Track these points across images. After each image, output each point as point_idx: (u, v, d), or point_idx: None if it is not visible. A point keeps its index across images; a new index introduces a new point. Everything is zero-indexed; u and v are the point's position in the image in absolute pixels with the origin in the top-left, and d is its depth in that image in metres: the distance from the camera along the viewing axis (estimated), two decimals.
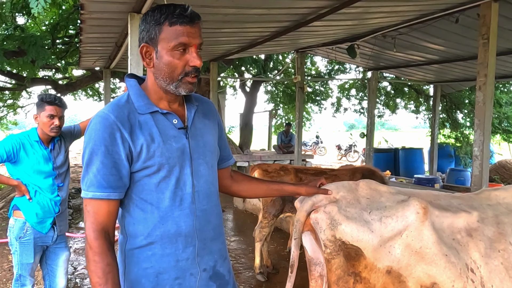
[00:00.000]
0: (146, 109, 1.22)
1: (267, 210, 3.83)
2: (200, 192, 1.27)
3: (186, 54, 1.18)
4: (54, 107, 2.54)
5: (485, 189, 1.70)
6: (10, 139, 2.54)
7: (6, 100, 11.63)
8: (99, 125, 1.16)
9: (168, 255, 1.22)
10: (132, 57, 3.53)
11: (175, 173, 1.21)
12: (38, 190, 2.59)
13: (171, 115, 1.25)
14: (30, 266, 2.62)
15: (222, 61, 8.64)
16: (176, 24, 1.16)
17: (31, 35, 6.53)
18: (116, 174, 1.16)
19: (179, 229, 1.22)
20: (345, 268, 1.53)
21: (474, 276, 1.44)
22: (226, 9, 4.19)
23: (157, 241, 1.21)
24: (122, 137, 1.16)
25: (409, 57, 7.35)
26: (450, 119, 10.97)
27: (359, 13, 4.75)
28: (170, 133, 1.22)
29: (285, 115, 15.70)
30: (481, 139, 4.12)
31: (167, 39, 1.17)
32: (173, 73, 1.19)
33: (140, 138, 1.17)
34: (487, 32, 4.02)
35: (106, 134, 1.14)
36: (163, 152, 1.19)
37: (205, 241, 1.28)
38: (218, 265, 1.33)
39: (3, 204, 6.43)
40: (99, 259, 1.13)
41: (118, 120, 1.16)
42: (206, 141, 1.32)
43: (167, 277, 1.22)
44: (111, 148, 1.15)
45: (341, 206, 1.55)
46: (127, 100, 1.23)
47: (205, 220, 1.28)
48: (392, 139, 16.24)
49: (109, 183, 1.15)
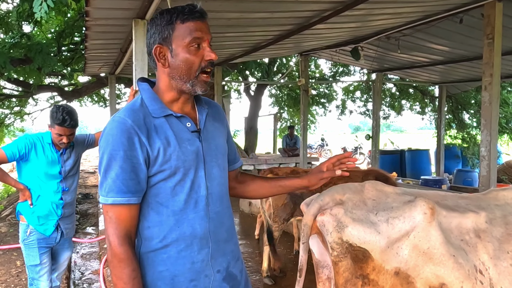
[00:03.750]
0: (160, 113, 1.22)
1: (278, 214, 3.81)
2: (213, 194, 1.28)
3: (201, 50, 1.21)
4: (63, 129, 2.59)
5: (493, 189, 1.68)
6: (24, 139, 2.63)
7: (13, 107, 11.72)
8: (116, 130, 1.16)
9: (184, 258, 1.23)
10: (137, 62, 3.55)
11: (190, 176, 1.22)
12: (40, 194, 2.65)
13: (184, 118, 1.26)
14: (37, 267, 2.65)
15: (226, 65, 8.67)
16: (189, 21, 1.19)
17: (37, 43, 6.59)
18: (135, 179, 1.16)
19: (194, 231, 1.23)
20: (353, 270, 1.52)
21: (483, 278, 1.42)
22: (229, 14, 4.21)
23: (173, 244, 1.22)
24: (140, 141, 1.16)
25: (414, 58, 7.32)
26: (456, 119, 10.90)
27: (362, 15, 4.75)
28: (185, 136, 1.23)
29: (290, 118, 15.68)
30: (488, 139, 4.09)
31: (181, 36, 1.19)
32: (191, 69, 1.21)
33: (157, 142, 1.18)
34: (492, 32, 4.00)
35: (124, 139, 1.14)
36: (179, 156, 1.20)
37: (218, 242, 1.29)
38: (231, 266, 1.34)
39: (11, 210, 6.48)
40: (124, 265, 1.13)
41: (135, 125, 1.16)
42: (217, 143, 1.34)
43: (182, 280, 1.23)
44: (129, 152, 1.15)
45: (348, 208, 1.55)
46: (141, 104, 1.24)
47: (218, 222, 1.30)
48: (398, 141, 16.17)
49: (129, 187, 1.15)
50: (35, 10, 2.72)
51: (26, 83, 9.44)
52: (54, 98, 12.52)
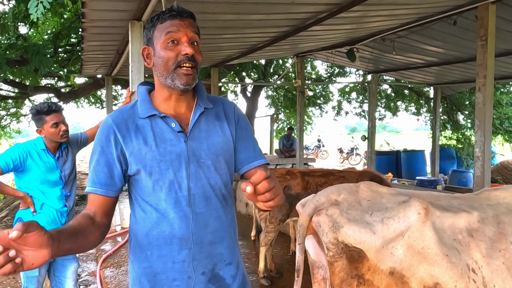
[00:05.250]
0: (145, 113, 1.28)
1: (274, 215, 3.81)
2: (197, 195, 1.27)
3: (179, 45, 1.24)
4: (54, 115, 2.53)
5: (485, 189, 1.70)
6: (17, 148, 2.52)
7: (9, 109, 11.68)
8: (100, 129, 1.28)
9: (164, 256, 1.26)
10: (133, 64, 3.56)
11: (168, 176, 1.24)
12: (45, 202, 2.54)
13: (169, 118, 1.27)
14: (36, 278, 2.55)
15: (223, 66, 8.69)
16: (166, 20, 1.25)
17: (33, 44, 6.57)
18: (107, 172, 1.25)
19: (173, 231, 1.25)
20: (348, 270, 1.54)
21: (475, 276, 1.45)
22: (225, 15, 4.23)
23: (154, 242, 1.27)
24: (116, 139, 1.25)
25: (409, 59, 7.37)
26: (451, 120, 10.97)
27: (357, 17, 4.78)
28: (167, 136, 1.26)
29: (287, 119, 15.72)
30: (482, 139, 4.13)
31: (159, 35, 1.25)
32: (167, 64, 1.24)
33: (133, 141, 1.25)
34: (485, 33, 4.05)
35: (103, 136, 1.26)
36: (154, 156, 1.24)
37: (201, 244, 1.27)
38: (217, 268, 1.31)
39: (7, 212, 6.45)
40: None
41: (114, 123, 1.26)
42: (212, 143, 1.30)
43: (164, 278, 1.26)
44: (106, 148, 1.25)
45: (343, 208, 1.56)
46: (132, 106, 1.32)
47: (202, 224, 1.28)
48: (393, 142, 16.23)
49: (99, 179, 1.24)
50: (31, 11, 2.70)
51: (22, 85, 9.40)
52: (50, 100, 12.48)
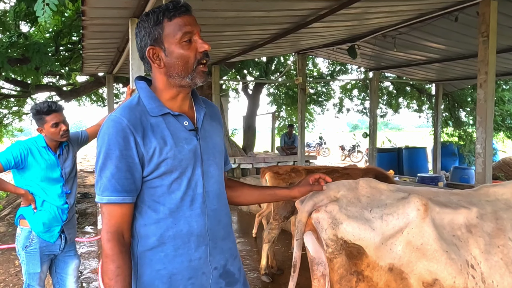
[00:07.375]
0: (158, 111, 1.23)
1: (278, 212, 3.81)
2: (210, 192, 1.29)
3: (193, 43, 1.21)
4: (54, 115, 2.51)
5: (484, 186, 1.70)
6: (18, 145, 2.52)
7: (11, 107, 11.70)
8: (112, 129, 1.17)
9: (181, 255, 1.23)
10: (133, 61, 3.56)
11: (187, 174, 1.23)
12: (45, 199, 2.55)
13: (182, 117, 1.26)
14: (37, 275, 2.56)
15: (224, 64, 8.68)
16: (175, 17, 1.19)
17: (34, 43, 6.57)
18: (130, 178, 1.17)
19: (191, 228, 1.24)
20: (348, 267, 1.54)
21: (474, 272, 1.45)
22: (226, 13, 4.22)
23: (170, 242, 1.22)
24: (135, 141, 1.17)
25: (410, 56, 7.35)
26: (453, 117, 10.95)
27: (358, 13, 4.77)
28: (182, 135, 1.24)
29: (288, 117, 15.71)
30: (483, 136, 4.12)
31: (172, 34, 1.19)
32: (187, 64, 1.21)
33: (153, 142, 1.19)
34: (487, 30, 4.03)
35: (120, 138, 1.16)
36: (175, 155, 1.21)
37: (216, 240, 1.30)
38: (228, 264, 1.35)
39: (10, 210, 6.49)
40: (110, 261, 1.15)
41: (130, 124, 1.17)
42: (215, 142, 1.34)
43: (180, 278, 1.23)
44: (125, 152, 1.16)
45: (342, 205, 1.56)
46: (138, 102, 1.24)
47: (216, 220, 1.30)
48: (395, 139, 16.19)
49: (124, 187, 1.17)
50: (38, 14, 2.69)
51: (24, 83, 9.42)
52: (52, 98, 12.49)
